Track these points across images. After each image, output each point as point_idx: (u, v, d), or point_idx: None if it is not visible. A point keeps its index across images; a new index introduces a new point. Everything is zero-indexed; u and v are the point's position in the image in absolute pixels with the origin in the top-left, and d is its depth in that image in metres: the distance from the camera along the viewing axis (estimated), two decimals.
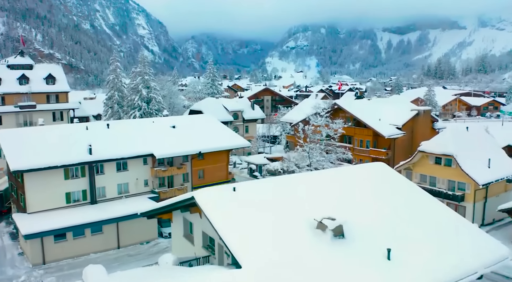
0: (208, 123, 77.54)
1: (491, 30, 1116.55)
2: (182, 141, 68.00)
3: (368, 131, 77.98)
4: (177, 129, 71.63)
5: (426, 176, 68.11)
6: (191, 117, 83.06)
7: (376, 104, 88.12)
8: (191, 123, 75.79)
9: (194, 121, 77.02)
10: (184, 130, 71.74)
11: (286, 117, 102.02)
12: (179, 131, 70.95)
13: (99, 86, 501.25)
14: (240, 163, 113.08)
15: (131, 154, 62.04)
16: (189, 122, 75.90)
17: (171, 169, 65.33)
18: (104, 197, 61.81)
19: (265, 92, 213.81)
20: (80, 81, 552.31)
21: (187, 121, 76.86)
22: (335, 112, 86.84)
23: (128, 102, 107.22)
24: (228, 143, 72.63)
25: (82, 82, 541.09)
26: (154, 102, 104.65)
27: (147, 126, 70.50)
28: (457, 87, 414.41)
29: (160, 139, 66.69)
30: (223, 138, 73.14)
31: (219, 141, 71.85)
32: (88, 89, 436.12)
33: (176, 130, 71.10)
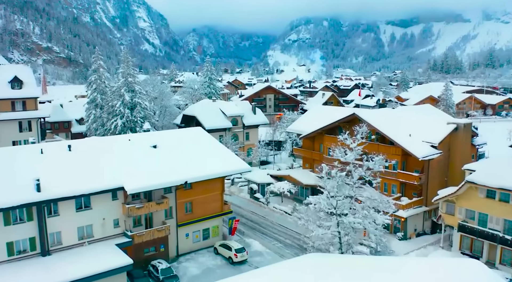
0: (199, 140, 62.68)
1: (495, 23, 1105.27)
2: (164, 167, 53.38)
3: (396, 150, 63.41)
4: (159, 150, 57.04)
5: (474, 212, 53.66)
6: (177, 132, 67.18)
7: (402, 113, 73.13)
8: (177, 140, 60.90)
9: (181, 138, 62.03)
10: (167, 151, 57.12)
11: (294, 128, 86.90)
12: (161, 153, 56.35)
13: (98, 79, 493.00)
14: (240, 177, 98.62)
15: (95, 189, 47.39)
16: (174, 140, 60.94)
17: (149, 204, 50.67)
18: (60, 244, 47.31)
19: (267, 91, 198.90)
20: (78, 75, 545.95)
21: (172, 138, 61.73)
22: (351, 123, 72.24)
23: (108, 108, 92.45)
24: (223, 167, 57.68)
25: (81, 76, 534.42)
26: (139, 109, 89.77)
27: (120, 146, 55.74)
28: (465, 82, 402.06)
29: (136, 166, 52.14)
30: (218, 161, 58.27)
31: (212, 164, 57.10)
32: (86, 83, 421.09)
33: (158, 152, 56.52)
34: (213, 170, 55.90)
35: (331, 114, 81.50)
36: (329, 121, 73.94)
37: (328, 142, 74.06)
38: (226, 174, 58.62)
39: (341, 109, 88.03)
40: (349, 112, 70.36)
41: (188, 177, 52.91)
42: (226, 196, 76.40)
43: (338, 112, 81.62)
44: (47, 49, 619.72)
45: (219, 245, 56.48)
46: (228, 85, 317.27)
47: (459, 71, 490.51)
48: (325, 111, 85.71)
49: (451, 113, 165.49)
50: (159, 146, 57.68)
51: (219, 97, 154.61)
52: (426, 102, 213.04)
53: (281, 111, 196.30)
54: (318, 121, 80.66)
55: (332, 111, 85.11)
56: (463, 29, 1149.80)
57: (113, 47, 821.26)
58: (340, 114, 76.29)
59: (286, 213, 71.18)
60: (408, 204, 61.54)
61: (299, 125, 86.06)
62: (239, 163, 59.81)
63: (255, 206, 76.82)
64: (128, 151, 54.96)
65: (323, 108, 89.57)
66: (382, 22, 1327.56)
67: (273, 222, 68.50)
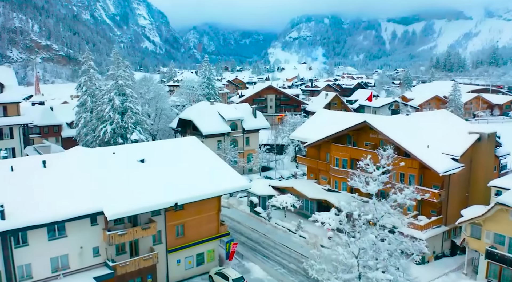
0: (193, 152, 56.06)
1: (498, 20, 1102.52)
2: (152, 185, 46.85)
3: (412, 163, 56.83)
4: (147, 164, 50.49)
5: (504, 237, 47.16)
6: (168, 143, 60.09)
7: (416, 119, 66.37)
8: (168, 153, 54.27)
9: (173, 150, 55.36)
10: (156, 166, 50.60)
11: (298, 135, 79.93)
12: (149, 168, 49.81)
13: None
14: None
15: (70, 214, 40.80)
16: (165, 152, 54.28)
17: (133, 230, 44.10)
18: (31, 278, 40.79)
19: (268, 91, 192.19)
20: (77, 73, 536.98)
21: (162, 149, 55.02)
22: (361, 131, 65.79)
23: (97, 113, 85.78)
24: (220, 185, 50.78)
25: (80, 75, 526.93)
26: (130, 114, 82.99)
27: (103, 161, 49.20)
28: (468, 80, 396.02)
29: (119, 184, 45.62)
30: (214, 177, 51.56)
31: (208, 181, 50.47)
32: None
33: (145, 167, 49.98)
34: (208, 189, 49.20)
35: (338, 120, 75.03)
36: (336, 129, 67.33)
37: (336, 152, 67.71)
38: (223, 193, 51.81)
39: (349, 115, 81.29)
40: (359, 120, 63.64)
41: (179, 197, 46.27)
42: (224, 209, 70.11)
43: (346, 118, 75.12)
44: (46, 47, 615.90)
45: (215, 273, 49.93)
46: (228, 85, 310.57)
47: (462, 70, 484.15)
48: (332, 117, 79.07)
49: (460, 115, 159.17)
50: (147, 160, 51.15)
51: (218, 98, 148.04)
52: (432, 103, 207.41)
53: (283, 112, 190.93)
54: (324, 127, 74.13)
55: (339, 116, 78.63)
56: (465, 27, 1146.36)
57: (112, 45, 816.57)
58: (349, 121, 69.78)
59: (290, 230, 64.63)
60: (427, 224, 54.95)
61: (303, 132, 79.39)
62: (238, 180, 53.09)
63: (255, 221, 70.26)
64: (111, 166, 48.43)
65: (329, 113, 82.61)
66: (383, 20, 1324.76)
67: (276, 242, 61.94)
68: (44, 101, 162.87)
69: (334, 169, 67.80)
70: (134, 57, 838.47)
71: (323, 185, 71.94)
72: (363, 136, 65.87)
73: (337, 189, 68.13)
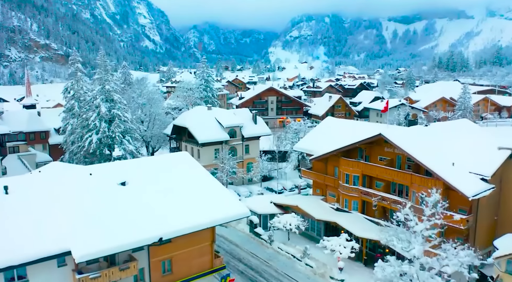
0: (184, 171, 48.67)
1: (499, 19, 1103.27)
2: (133, 215, 39.59)
3: (435, 183, 49.59)
4: (129, 188, 43.19)
5: None
6: (155, 160, 51.99)
7: (437, 131, 58.73)
8: (155, 172, 46.91)
9: (161, 169, 47.98)
10: (140, 189, 43.27)
11: (302, 146, 72.31)
12: (130, 192, 42.49)
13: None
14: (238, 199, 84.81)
15: (30, 256, 33.57)
16: (151, 171, 46.91)
17: (109, 271, 36.79)
18: None
19: (269, 93, 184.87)
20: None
21: (148, 168, 47.54)
22: (375, 144, 58.40)
23: (82, 121, 78.39)
24: (214, 213, 43.17)
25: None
26: (118, 122, 75.49)
27: (77, 184, 41.91)
28: (471, 80, 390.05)
29: (93, 216, 38.29)
30: (207, 203, 44.21)
31: (200, 209, 43.07)
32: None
33: (127, 191, 42.66)
34: (200, 218, 41.76)
35: (347, 129, 67.70)
36: (346, 142, 59.92)
37: (346, 167, 60.28)
38: (217, 223, 44.11)
39: (359, 124, 73.39)
40: (373, 132, 56.19)
41: (165, 231, 38.95)
42: (221, 228, 62.95)
43: (356, 127, 67.73)
44: (45, 46, 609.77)
45: None
46: (228, 85, 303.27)
47: (465, 69, 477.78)
48: (340, 125, 71.51)
49: (470, 118, 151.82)
50: (130, 182, 43.88)
51: (217, 101, 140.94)
52: (438, 104, 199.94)
53: (284, 114, 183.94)
54: (332, 138, 66.85)
55: (348, 125, 70.95)
56: (466, 26, 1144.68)
57: (112, 44, 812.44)
58: (359, 131, 62.56)
59: (295, 257, 57.28)
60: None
61: (308, 142, 71.86)
62: (235, 206, 45.63)
63: (255, 244, 62.83)
64: (86, 191, 41.14)
65: (337, 122, 74.95)
66: (384, 19, 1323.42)
67: (278, 270, 54.51)
68: (36, 104, 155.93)
69: (344, 186, 60.42)
70: (134, 56, 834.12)
71: (331, 203, 64.60)
72: (376, 150, 58.54)
73: (347, 208, 60.77)
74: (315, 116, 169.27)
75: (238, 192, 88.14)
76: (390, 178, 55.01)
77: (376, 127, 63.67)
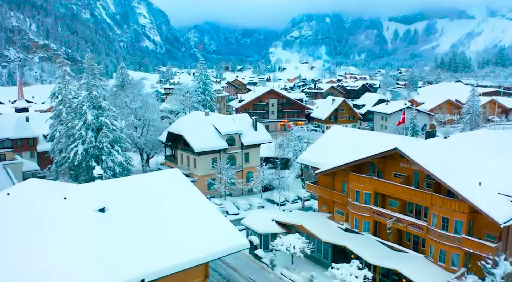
0: (174, 192, 42.43)
1: (500, 20, 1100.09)
2: (112, 250, 33.37)
3: (460, 206, 43.60)
4: (109, 215, 36.88)
5: None
6: (141, 180, 45.25)
7: (458, 144, 52.51)
8: (141, 195, 40.52)
9: (148, 190, 41.61)
10: (121, 217, 36.92)
11: (307, 158, 65.83)
12: (110, 221, 36.19)
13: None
14: (237, 213, 78.73)
15: None
16: (137, 193, 40.60)
17: None
18: None
19: (270, 95, 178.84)
20: (75, 73, 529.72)
21: (134, 189, 41.21)
22: (388, 158, 52.16)
23: (68, 130, 72.25)
24: (208, 246, 36.67)
25: (78, 74, 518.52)
26: (106, 131, 69.16)
27: (46, 212, 35.60)
28: (474, 81, 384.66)
29: (63, 254, 32.05)
30: (200, 232, 38.03)
31: (192, 240, 36.87)
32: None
33: (106, 220, 36.40)
34: (192, 252, 35.43)
35: (355, 140, 61.76)
36: (356, 156, 53.71)
37: (356, 183, 54.08)
38: (212, 258, 37.61)
39: (370, 135, 67.11)
40: (387, 145, 49.97)
41: (149, 269, 32.76)
42: None
43: (365, 138, 61.71)
44: (44, 46, 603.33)
45: None
46: (228, 86, 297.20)
47: (467, 70, 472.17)
48: (348, 135, 65.26)
49: (479, 123, 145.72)
50: (110, 208, 37.58)
51: (215, 105, 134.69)
52: (444, 107, 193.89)
53: (285, 117, 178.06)
54: (339, 149, 60.86)
55: (357, 135, 64.78)
56: (468, 26, 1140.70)
57: (112, 44, 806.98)
58: (370, 142, 56.69)
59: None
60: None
61: (313, 154, 65.61)
62: (233, 236, 39.07)
63: (256, 268, 56.53)
64: (57, 222, 34.88)
65: (344, 131, 68.68)
66: (385, 19, 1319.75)
67: None
68: (28, 107, 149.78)
69: (354, 205, 54.26)
70: (134, 56, 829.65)
71: (339, 221, 58.47)
72: (391, 164, 52.33)
73: (358, 229, 54.63)
74: (318, 120, 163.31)
75: (237, 204, 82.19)
76: (407, 197, 48.89)
77: (389, 139, 57.54)
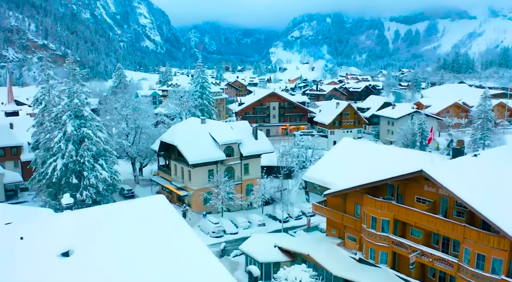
0: (157, 227, 35.07)
1: (502, 20, 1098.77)
2: None
3: (499, 242, 36.27)
4: (73, 260, 29.61)
5: None
6: (121, 208, 37.25)
7: (490, 162, 44.90)
8: (117, 230, 33.24)
9: (125, 224, 34.22)
10: (90, 262, 29.76)
11: (314, 176, 57.49)
12: (75, 268, 29.02)
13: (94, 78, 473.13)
14: (235, 232, 71.45)
15: None
16: (111, 229, 33.26)
17: None
18: None
19: (271, 98, 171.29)
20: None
21: (108, 223, 33.88)
22: (411, 183, 44.72)
23: (47, 142, 64.81)
24: None
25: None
26: (89, 144, 61.49)
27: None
28: (477, 82, 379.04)
29: None
30: (185, 279, 30.87)
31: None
32: (83, 82, 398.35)
33: (69, 267, 29.17)
34: None
35: (368, 155, 54.43)
36: (372, 177, 46.37)
37: (372, 208, 46.62)
38: None
39: (385, 150, 59.12)
40: (410, 166, 42.60)
41: None
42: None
43: (381, 152, 54.38)
44: (43, 46, 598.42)
45: None
46: (228, 88, 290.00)
47: (471, 71, 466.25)
48: (360, 150, 57.68)
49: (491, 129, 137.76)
50: (76, 250, 30.31)
51: (213, 109, 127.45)
52: (451, 110, 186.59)
53: (287, 121, 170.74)
54: (350, 166, 53.62)
55: (370, 150, 57.18)
56: (469, 26, 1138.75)
57: (112, 44, 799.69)
58: (385, 159, 49.50)
59: None
60: None
61: (320, 171, 57.86)
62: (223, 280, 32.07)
63: None
64: (6, 273, 27.70)
65: (355, 145, 60.81)
66: (386, 19, 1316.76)
67: None
68: (19, 111, 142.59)
69: (369, 232, 46.92)
70: (134, 56, 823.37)
71: (351, 249, 51.12)
72: (413, 187, 44.94)
73: (373, 260, 47.28)
74: (321, 124, 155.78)
75: (236, 221, 74.75)
76: (434, 228, 41.52)
77: (410, 155, 50.16)
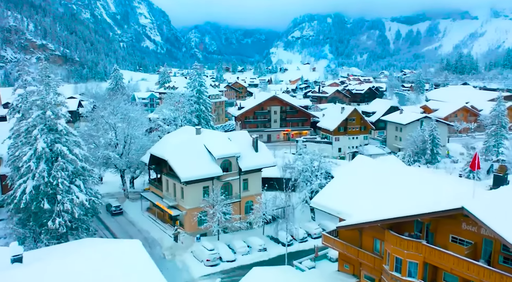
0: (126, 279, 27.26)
1: (504, 20, 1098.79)
2: None
3: None
4: None
5: None
6: (88, 259, 29.06)
7: None
8: None
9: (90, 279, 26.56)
10: None
11: (323, 203, 47.95)
12: None
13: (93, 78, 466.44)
14: (233, 259, 63.38)
15: None
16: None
17: None
18: None
19: (272, 102, 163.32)
20: (73, 74, 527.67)
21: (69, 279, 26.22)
22: (444, 219, 36.43)
23: (14, 161, 56.55)
24: None
25: (76, 75, 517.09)
26: (63, 163, 52.95)
27: None
28: (481, 84, 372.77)
29: None
30: None
31: None
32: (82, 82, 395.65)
33: None
34: None
35: (390, 178, 46.21)
36: (395, 209, 38.26)
37: (396, 247, 38.18)
38: None
39: (411, 172, 49.50)
40: (450, 205, 34.29)
41: None
42: None
43: (405, 176, 46.06)
44: (41, 46, 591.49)
45: None
46: (227, 90, 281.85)
47: (474, 72, 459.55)
48: (378, 172, 49.05)
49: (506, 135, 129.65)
50: None
51: (210, 115, 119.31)
52: (459, 114, 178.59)
53: (289, 126, 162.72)
54: (367, 190, 45.44)
55: (392, 173, 48.35)
56: (470, 27, 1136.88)
57: (112, 44, 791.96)
58: (413, 187, 41.31)
59: None
60: None
61: (331, 197, 49.14)
62: None
63: None
64: None
65: (372, 166, 51.66)
66: (387, 19, 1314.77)
67: None
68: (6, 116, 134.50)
69: (393, 276, 38.54)
70: (134, 57, 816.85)
71: None
72: (447, 224, 36.55)
73: None
74: (325, 130, 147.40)
75: (233, 246, 66.47)
76: (476, 278, 33.34)
77: (441, 181, 41.88)
